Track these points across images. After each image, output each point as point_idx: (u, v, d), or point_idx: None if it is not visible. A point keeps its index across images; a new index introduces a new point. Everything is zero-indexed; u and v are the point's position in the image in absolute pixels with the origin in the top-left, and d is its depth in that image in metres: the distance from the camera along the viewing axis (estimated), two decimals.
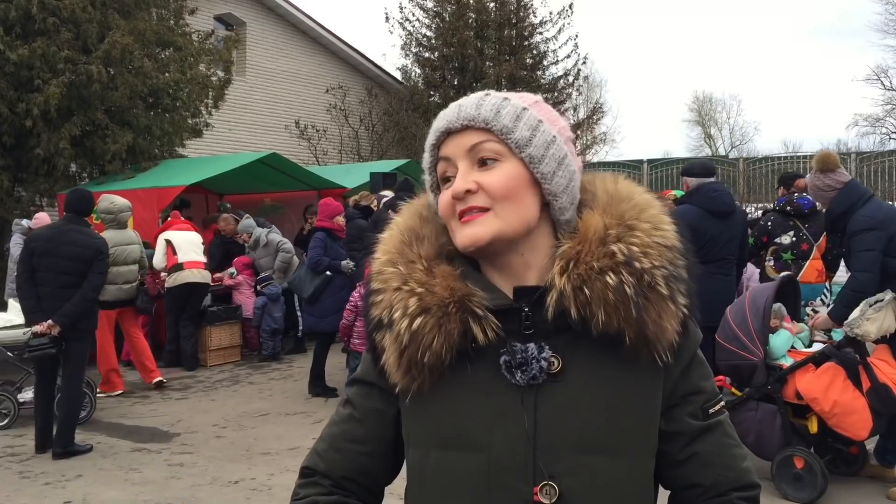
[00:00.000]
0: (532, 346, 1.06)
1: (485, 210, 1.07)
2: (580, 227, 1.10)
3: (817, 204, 6.19)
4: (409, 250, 1.14)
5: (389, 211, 7.66)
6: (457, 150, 1.11)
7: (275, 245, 9.36)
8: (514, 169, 1.09)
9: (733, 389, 4.78)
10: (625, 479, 1.07)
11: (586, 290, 1.04)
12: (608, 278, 1.04)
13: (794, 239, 5.93)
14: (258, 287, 9.30)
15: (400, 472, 1.26)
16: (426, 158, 1.17)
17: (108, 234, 7.33)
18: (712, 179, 5.48)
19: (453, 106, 1.14)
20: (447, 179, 1.13)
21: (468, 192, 1.08)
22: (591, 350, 1.07)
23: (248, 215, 9.92)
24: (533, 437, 1.06)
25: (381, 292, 1.14)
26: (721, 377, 4.82)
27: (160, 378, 7.78)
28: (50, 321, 5.47)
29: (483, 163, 1.09)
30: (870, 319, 4.25)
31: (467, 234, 1.08)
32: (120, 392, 7.51)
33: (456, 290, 1.08)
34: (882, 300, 4.29)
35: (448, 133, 1.12)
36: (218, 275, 9.49)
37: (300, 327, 9.24)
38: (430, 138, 1.15)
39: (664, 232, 1.09)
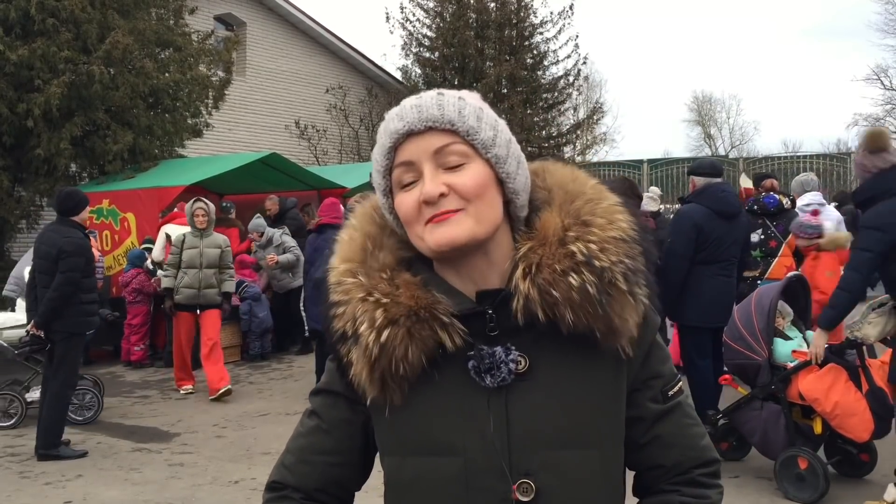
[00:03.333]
0: (499, 349, 1.07)
1: (457, 211, 1.06)
2: (539, 226, 1.10)
3: (783, 202, 6.24)
4: (371, 259, 1.13)
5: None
6: (420, 152, 1.08)
7: (285, 246, 9.32)
8: (481, 169, 1.08)
9: (739, 388, 4.80)
10: (598, 470, 1.10)
11: (554, 293, 1.05)
12: (571, 279, 1.05)
13: (761, 237, 6.03)
14: (238, 293, 9.28)
15: (369, 476, 1.26)
16: (379, 161, 1.12)
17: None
18: (720, 180, 5.43)
19: (410, 107, 1.09)
20: (406, 184, 1.09)
21: (441, 195, 1.06)
22: (556, 346, 1.09)
23: (258, 215, 9.88)
24: (506, 437, 1.07)
25: (342, 304, 1.12)
26: (726, 376, 4.84)
27: (187, 387, 7.71)
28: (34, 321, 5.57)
29: (450, 165, 1.07)
30: (871, 323, 4.22)
31: (442, 235, 1.05)
32: (188, 389, 7.65)
33: (421, 299, 1.08)
34: (885, 304, 4.27)
35: (408, 135, 1.08)
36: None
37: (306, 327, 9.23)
38: (386, 140, 1.10)
39: (618, 224, 1.10)
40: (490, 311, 1.08)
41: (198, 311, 7.42)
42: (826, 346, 4.43)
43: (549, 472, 1.07)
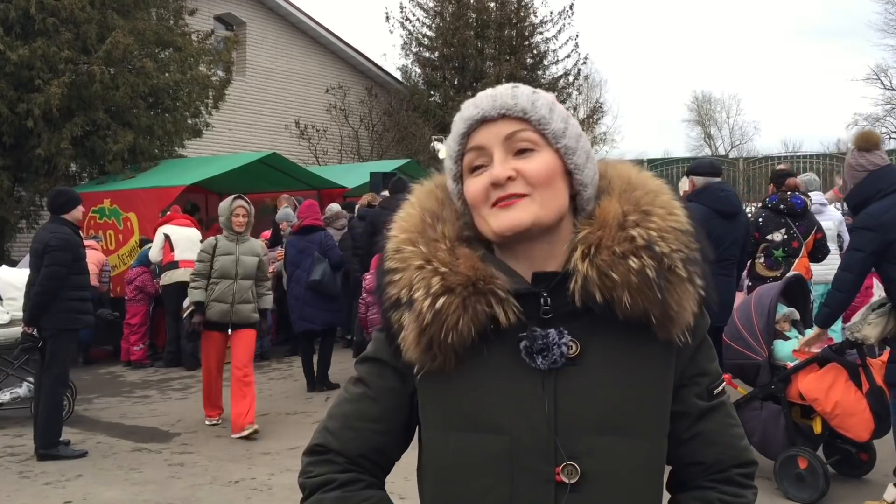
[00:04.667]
0: (553, 331, 1.08)
1: (523, 196, 1.09)
2: (598, 213, 1.12)
3: (808, 203, 6.21)
4: (430, 230, 1.15)
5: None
6: (492, 138, 1.11)
7: None
8: (550, 158, 1.11)
9: (739, 388, 4.81)
10: (642, 459, 1.11)
11: (613, 275, 1.06)
12: (631, 262, 1.06)
13: (785, 237, 5.96)
14: None
15: (407, 448, 1.27)
16: (452, 147, 1.16)
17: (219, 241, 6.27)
18: (719, 179, 5.43)
19: (485, 96, 1.14)
20: (475, 169, 1.13)
21: (509, 178, 1.09)
22: (608, 333, 1.10)
23: (287, 205, 9.44)
24: (554, 420, 1.08)
25: (399, 271, 1.14)
26: (725, 375, 4.84)
27: (214, 419, 6.44)
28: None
29: (519, 152, 1.11)
30: (871, 324, 4.21)
31: (508, 218, 1.08)
32: (213, 421, 6.41)
33: (480, 271, 1.09)
34: (885, 304, 4.26)
35: (482, 122, 1.12)
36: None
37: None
38: (461, 126, 1.15)
39: (677, 216, 1.12)
40: (545, 294, 1.09)
41: (229, 331, 6.12)
42: (827, 345, 4.43)
43: (594, 456, 1.08)
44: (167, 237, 8.66)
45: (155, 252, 8.73)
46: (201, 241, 8.86)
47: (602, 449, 1.08)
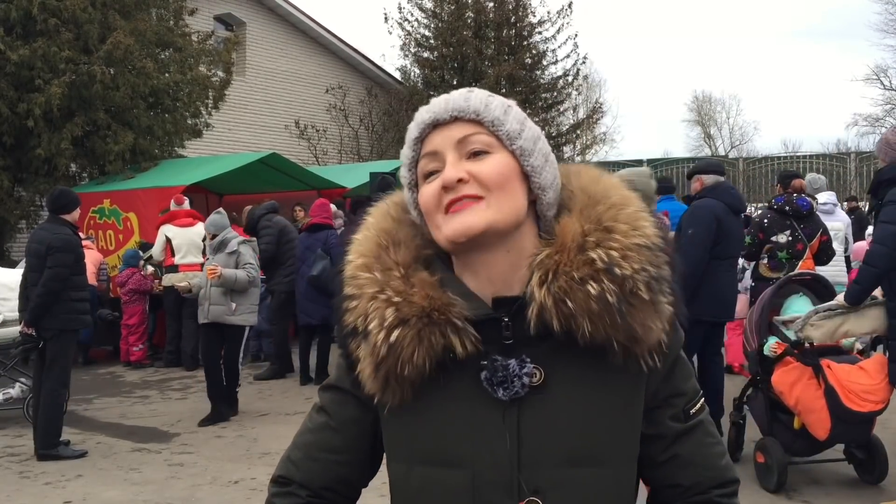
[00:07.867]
0: (513, 362, 1.03)
1: (477, 199, 1.03)
2: (558, 232, 1.06)
3: (813, 205, 6.24)
4: (385, 255, 1.10)
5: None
6: (445, 142, 1.07)
7: (241, 260, 6.78)
8: (505, 159, 1.06)
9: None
10: (609, 488, 1.07)
11: (569, 303, 1.00)
12: (590, 287, 1.00)
13: (789, 238, 5.98)
14: None
15: (377, 472, 1.25)
16: (407, 154, 1.12)
17: None
18: (723, 178, 5.58)
19: (438, 99, 1.10)
20: (429, 175, 1.08)
21: (460, 181, 1.03)
22: (574, 359, 1.05)
23: (221, 210, 7.48)
24: (516, 453, 1.04)
25: (355, 298, 1.09)
26: (736, 365, 4.97)
27: None
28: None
29: (473, 154, 1.06)
30: (813, 325, 4.30)
31: (459, 223, 1.02)
32: None
33: (435, 300, 1.04)
34: (833, 308, 4.31)
35: (434, 125, 1.08)
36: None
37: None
38: (413, 132, 1.10)
39: (642, 230, 1.05)
40: (506, 319, 1.04)
41: None
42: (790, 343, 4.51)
43: (558, 490, 1.03)
44: (168, 240, 8.65)
45: (157, 251, 8.75)
46: (203, 241, 8.86)
47: (567, 481, 1.03)
